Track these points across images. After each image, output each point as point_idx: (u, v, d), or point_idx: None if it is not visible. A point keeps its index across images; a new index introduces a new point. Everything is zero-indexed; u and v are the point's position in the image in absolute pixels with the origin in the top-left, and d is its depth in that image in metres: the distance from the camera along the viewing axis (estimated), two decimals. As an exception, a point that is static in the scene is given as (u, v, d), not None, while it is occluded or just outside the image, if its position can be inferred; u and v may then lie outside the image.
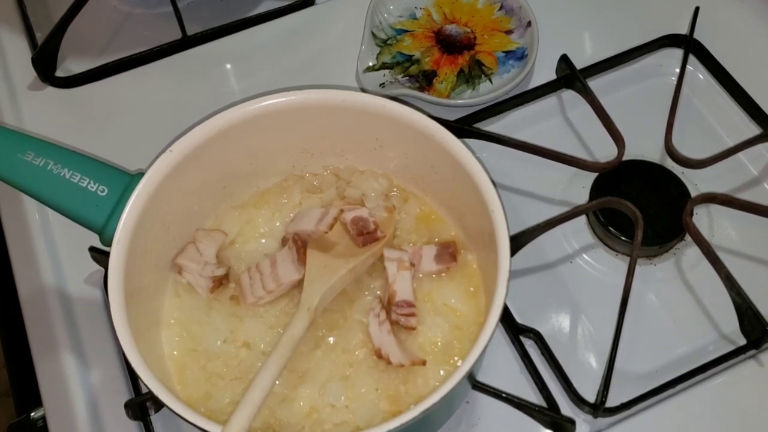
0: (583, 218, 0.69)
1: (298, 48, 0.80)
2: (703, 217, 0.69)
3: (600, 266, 0.67)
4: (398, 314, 0.56)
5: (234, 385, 0.55)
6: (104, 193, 0.56)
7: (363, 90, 0.74)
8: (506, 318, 0.63)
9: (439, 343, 0.56)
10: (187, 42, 0.79)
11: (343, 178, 0.63)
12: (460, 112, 0.73)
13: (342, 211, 0.59)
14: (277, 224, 0.61)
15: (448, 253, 0.58)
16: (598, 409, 0.59)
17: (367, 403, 0.54)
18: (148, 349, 0.51)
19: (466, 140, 0.66)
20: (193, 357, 0.56)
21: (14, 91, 0.77)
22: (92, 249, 0.65)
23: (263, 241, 0.61)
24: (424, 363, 0.54)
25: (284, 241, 0.60)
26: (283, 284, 0.57)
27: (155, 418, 0.60)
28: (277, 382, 0.52)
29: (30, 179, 0.56)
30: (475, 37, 0.79)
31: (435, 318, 0.57)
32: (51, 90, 0.77)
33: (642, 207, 0.64)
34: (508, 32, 0.79)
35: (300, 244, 0.58)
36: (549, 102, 0.76)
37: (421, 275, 0.58)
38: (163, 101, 0.77)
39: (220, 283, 0.58)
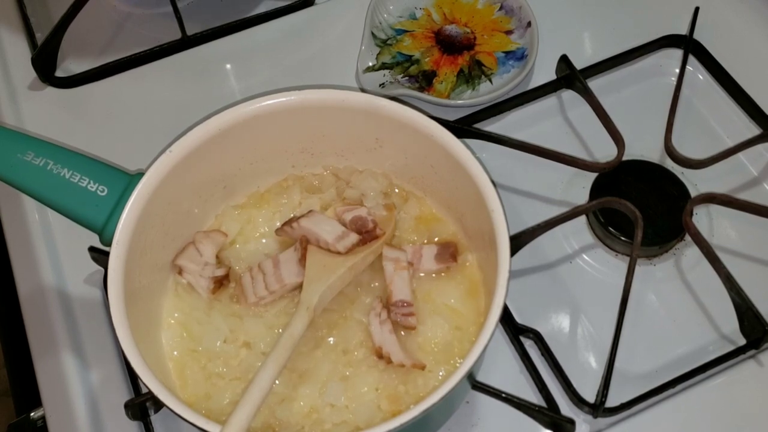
0: (583, 218, 0.69)
1: (298, 48, 0.80)
2: (702, 217, 0.69)
3: (600, 266, 0.67)
4: (397, 314, 0.56)
5: (234, 385, 0.55)
6: (104, 193, 0.56)
7: (363, 90, 0.74)
8: (506, 318, 0.63)
9: (439, 343, 0.56)
10: (187, 42, 0.79)
11: (343, 178, 0.63)
12: (460, 112, 0.73)
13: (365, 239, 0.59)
14: (277, 224, 0.61)
15: (448, 252, 0.58)
16: (597, 409, 0.59)
17: (367, 403, 0.54)
18: (148, 349, 0.51)
19: (466, 140, 0.66)
20: (193, 357, 0.56)
21: (14, 91, 0.77)
22: (92, 249, 0.65)
23: (263, 241, 0.61)
24: (423, 367, 0.54)
25: (280, 232, 0.60)
26: (287, 285, 0.57)
27: (155, 418, 0.60)
28: (276, 382, 0.52)
29: (30, 179, 0.56)
30: (475, 38, 0.79)
31: (435, 318, 0.57)
32: (51, 90, 0.77)
33: (642, 207, 0.64)
34: (508, 32, 0.79)
35: (305, 246, 0.58)
36: (549, 102, 0.76)
37: (422, 274, 0.58)
38: (163, 101, 0.77)
39: (220, 283, 0.58)
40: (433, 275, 0.58)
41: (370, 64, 0.77)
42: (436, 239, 0.60)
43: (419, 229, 0.61)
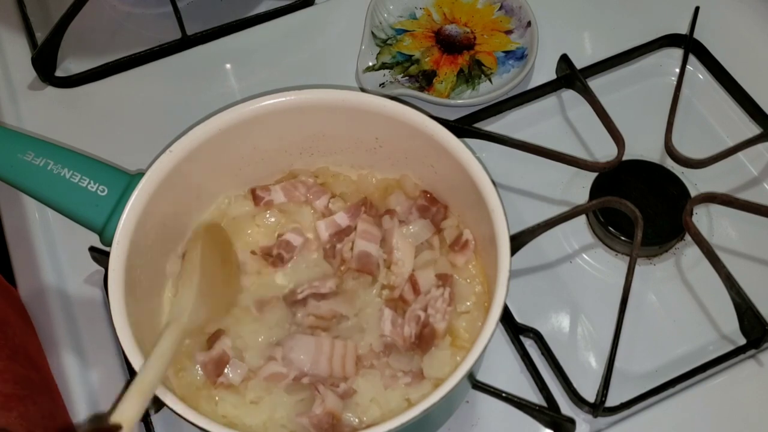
0: (582, 218, 0.69)
1: (298, 48, 0.80)
2: (702, 217, 0.69)
3: (600, 266, 0.67)
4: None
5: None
6: (104, 193, 0.56)
7: (363, 90, 0.74)
8: (506, 318, 0.63)
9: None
10: (187, 42, 0.79)
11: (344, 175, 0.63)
12: (460, 112, 0.73)
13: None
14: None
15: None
16: (597, 408, 0.59)
17: None
18: (148, 350, 0.51)
19: (466, 140, 0.67)
20: (192, 357, 0.56)
21: (14, 91, 0.77)
22: (92, 249, 0.65)
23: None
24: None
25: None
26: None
27: (155, 418, 0.60)
28: None
29: (30, 179, 0.56)
30: (474, 37, 0.79)
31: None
32: (51, 90, 0.77)
33: (642, 207, 0.64)
34: (508, 32, 0.79)
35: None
36: (549, 102, 0.76)
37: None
38: (163, 101, 0.77)
39: None
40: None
41: (370, 63, 0.77)
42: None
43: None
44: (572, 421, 0.58)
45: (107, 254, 0.52)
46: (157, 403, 0.59)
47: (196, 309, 0.53)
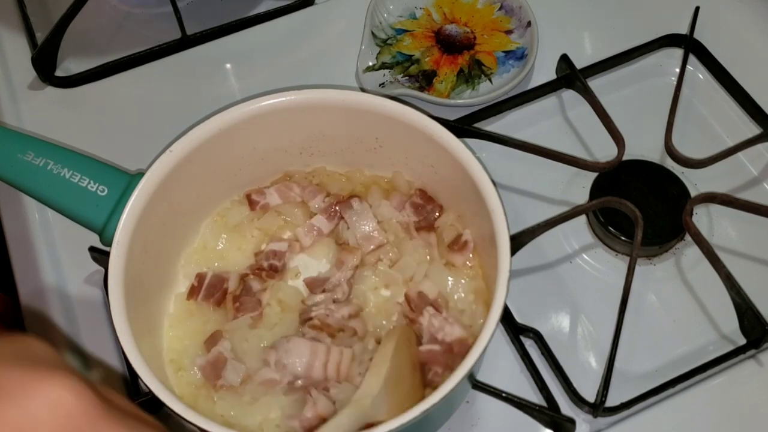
0: (583, 218, 0.69)
1: (298, 48, 0.80)
2: (702, 217, 0.69)
3: (600, 266, 0.67)
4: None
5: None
6: (104, 193, 0.56)
7: (363, 90, 0.74)
8: (506, 318, 0.63)
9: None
10: (187, 42, 0.79)
11: (344, 175, 0.63)
12: (460, 112, 0.73)
13: None
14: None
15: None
16: (597, 408, 0.59)
17: None
18: (148, 349, 0.51)
19: (466, 140, 0.67)
20: (192, 357, 0.56)
21: (14, 91, 0.77)
22: (92, 249, 0.65)
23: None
24: None
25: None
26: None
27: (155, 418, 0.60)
28: None
29: (30, 179, 0.56)
30: (474, 37, 0.79)
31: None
32: (51, 90, 0.77)
33: (642, 207, 0.64)
34: (508, 32, 0.79)
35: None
36: (549, 102, 0.76)
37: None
38: (163, 101, 0.77)
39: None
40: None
41: (370, 63, 0.77)
42: None
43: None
44: (572, 421, 0.58)
45: (107, 254, 0.52)
46: (156, 403, 0.59)
47: (380, 397, 0.51)
